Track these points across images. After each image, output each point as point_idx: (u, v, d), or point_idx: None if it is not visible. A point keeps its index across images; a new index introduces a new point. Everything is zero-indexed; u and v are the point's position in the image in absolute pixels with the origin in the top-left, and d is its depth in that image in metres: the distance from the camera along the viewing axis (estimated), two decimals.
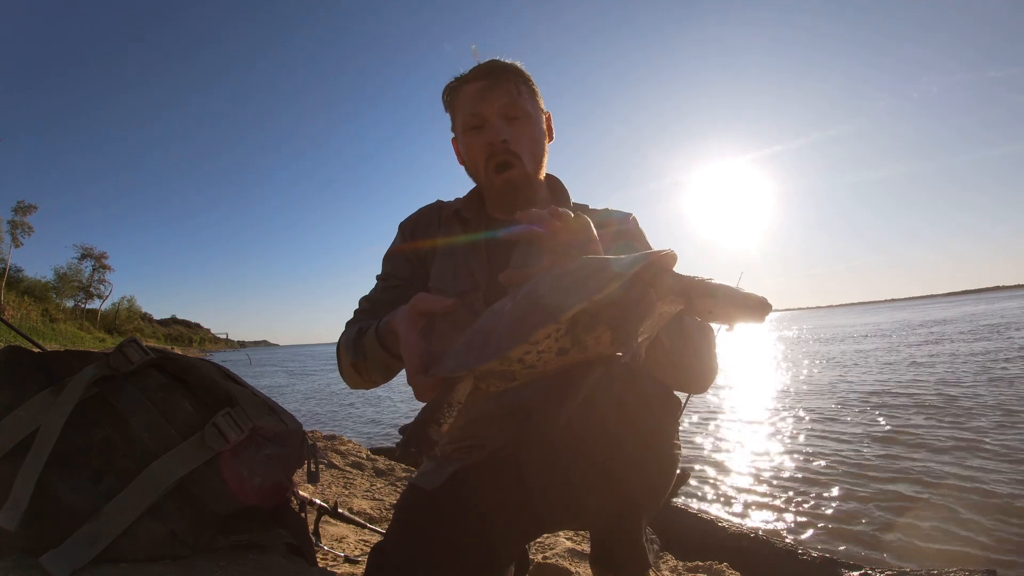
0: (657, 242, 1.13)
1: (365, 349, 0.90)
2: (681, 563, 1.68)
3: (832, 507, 3.03)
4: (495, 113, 1.03)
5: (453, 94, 1.09)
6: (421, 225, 1.14)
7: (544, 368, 0.64)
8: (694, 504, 3.22)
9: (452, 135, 1.15)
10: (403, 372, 0.75)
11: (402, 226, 1.16)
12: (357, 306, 1.10)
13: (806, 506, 3.09)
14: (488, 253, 1.07)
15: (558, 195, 1.15)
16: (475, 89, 1.04)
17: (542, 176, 1.11)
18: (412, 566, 0.85)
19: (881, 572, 1.61)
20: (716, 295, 0.60)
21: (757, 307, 0.58)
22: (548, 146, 1.12)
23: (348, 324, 1.04)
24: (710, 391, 7.82)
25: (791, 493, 3.32)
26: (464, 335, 0.68)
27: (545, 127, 1.11)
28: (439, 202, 1.19)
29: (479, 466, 0.95)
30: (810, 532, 2.75)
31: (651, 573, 0.83)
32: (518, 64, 1.07)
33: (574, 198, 1.16)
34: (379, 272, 1.14)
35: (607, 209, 1.13)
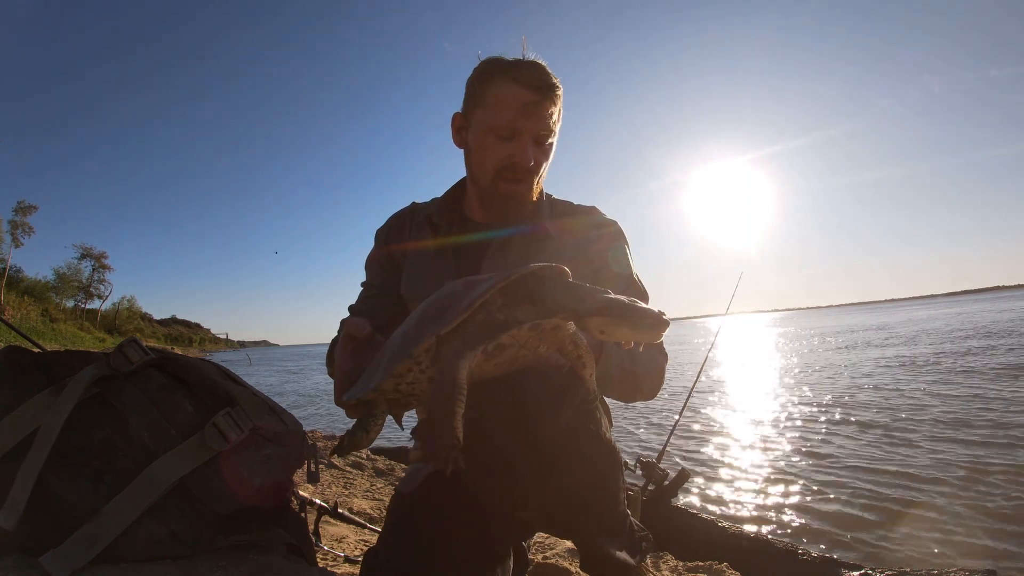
0: (658, 242, 1.13)
1: (335, 362, 0.92)
2: (681, 563, 1.67)
3: (832, 507, 3.03)
4: (531, 135, 1.00)
5: (489, 82, 1.01)
6: (394, 231, 1.15)
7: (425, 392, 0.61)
8: (694, 504, 3.22)
9: (459, 111, 1.08)
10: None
11: (377, 233, 1.17)
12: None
13: (806, 506, 3.09)
14: (457, 259, 1.07)
15: (538, 198, 1.13)
16: (521, 99, 0.98)
17: (539, 191, 1.10)
18: (404, 567, 0.85)
19: (881, 572, 1.61)
20: (605, 313, 0.55)
21: (651, 326, 0.53)
22: None
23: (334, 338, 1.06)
24: (712, 390, 7.83)
25: (791, 493, 3.32)
26: (373, 360, 0.69)
27: None
28: (413, 205, 1.17)
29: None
30: (810, 532, 2.75)
31: (650, 573, 0.82)
32: (559, 83, 1.01)
33: (575, 199, 1.16)
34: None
35: (595, 207, 1.13)
